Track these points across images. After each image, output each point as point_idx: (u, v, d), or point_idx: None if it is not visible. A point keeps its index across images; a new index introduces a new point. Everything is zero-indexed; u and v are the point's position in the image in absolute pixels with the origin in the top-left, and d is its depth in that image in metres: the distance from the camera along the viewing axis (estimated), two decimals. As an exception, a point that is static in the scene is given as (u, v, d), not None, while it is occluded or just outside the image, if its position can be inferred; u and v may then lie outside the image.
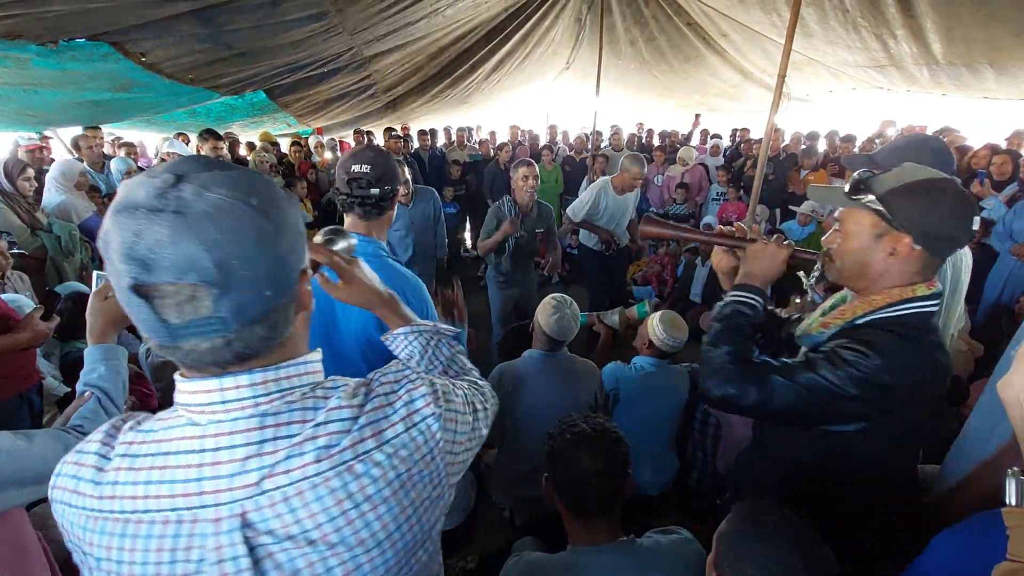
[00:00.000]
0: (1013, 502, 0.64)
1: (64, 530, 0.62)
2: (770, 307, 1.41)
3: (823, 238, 1.20)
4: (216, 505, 0.57)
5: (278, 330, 0.60)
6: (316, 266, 0.94)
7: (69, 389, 2.38)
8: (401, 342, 0.96)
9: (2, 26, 2.36)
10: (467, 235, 7.17)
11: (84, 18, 2.57)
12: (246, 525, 0.57)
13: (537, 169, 3.42)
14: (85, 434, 1.07)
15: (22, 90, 3.51)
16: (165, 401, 2.31)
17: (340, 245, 1.02)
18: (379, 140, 7.10)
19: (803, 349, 1.22)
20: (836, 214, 1.16)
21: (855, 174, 1.12)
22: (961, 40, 4.00)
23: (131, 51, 3.19)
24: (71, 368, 2.39)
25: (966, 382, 2.65)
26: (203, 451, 0.58)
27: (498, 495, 2.25)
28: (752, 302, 1.18)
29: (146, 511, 0.57)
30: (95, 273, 1.42)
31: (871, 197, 1.06)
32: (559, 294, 2.20)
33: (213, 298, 0.52)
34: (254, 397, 0.59)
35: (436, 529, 0.71)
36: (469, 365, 0.98)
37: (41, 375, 2.22)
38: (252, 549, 0.57)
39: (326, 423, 0.60)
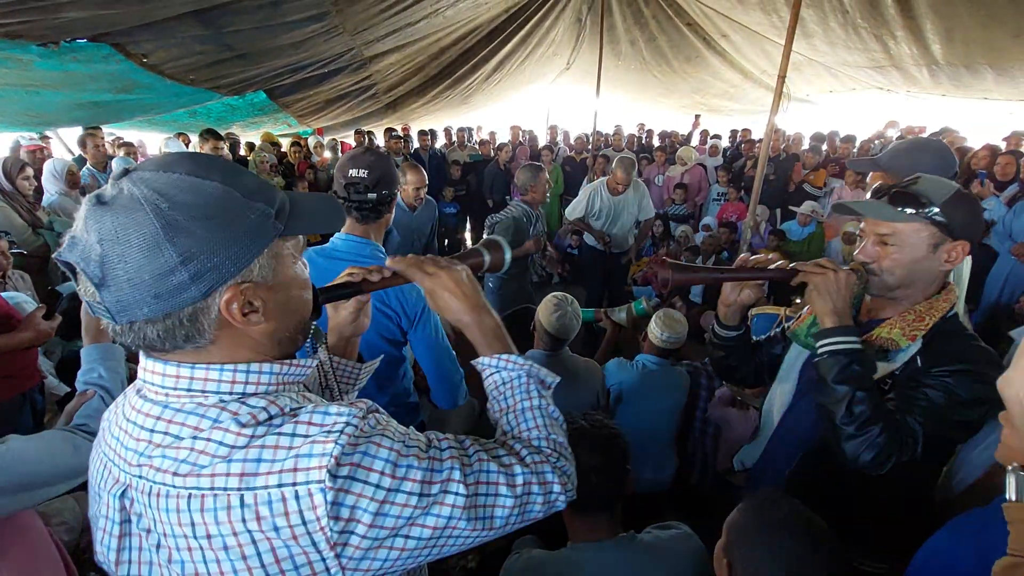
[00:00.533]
0: (1013, 497, 0.64)
1: None
2: (736, 333, 1.36)
3: (856, 252, 1.18)
4: (119, 468, 0.61)
5: (179, 335, 0.58)
6: (394, 280, 0.85)
7: (69, 389, 2.38)
8: (482, 371, 0.84)
9: (4, 26, 2.37)
10: (468, 235, 7.17)
11: (86, 19, 2.58)
12: (127, 498, 0.60)
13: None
14: (91, 432, 1.06)
15: (24, 91, 3.52)
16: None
17: (480, 258, 0.94)
18: (380, 140, 7.12)
19: (893, 364, 1.15)
20: (878, 229, 1.12)
21: (888, 187, 1.14)
22: (960, 41, 4.01)
23: (132, 52, 3.21)
24: (67, 366, 2.39)
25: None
26: (124, 417, 0.62)
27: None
28: (860, 347, 1.08)
29: (99, 447, 0.66)
30: None
31: (935, 209, 1.06)
32: (560, 293, 2.20)
33: (96, 289, 0.55)
34: (163, 387, 0.60)
35: None
36: (546, 430, 0.76)
37: (43, 374, 2.22)
38: (128, 521, 0.61)
39: (206, 440, 0.56)
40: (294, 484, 0.54)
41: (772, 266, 1.18)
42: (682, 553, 1.16)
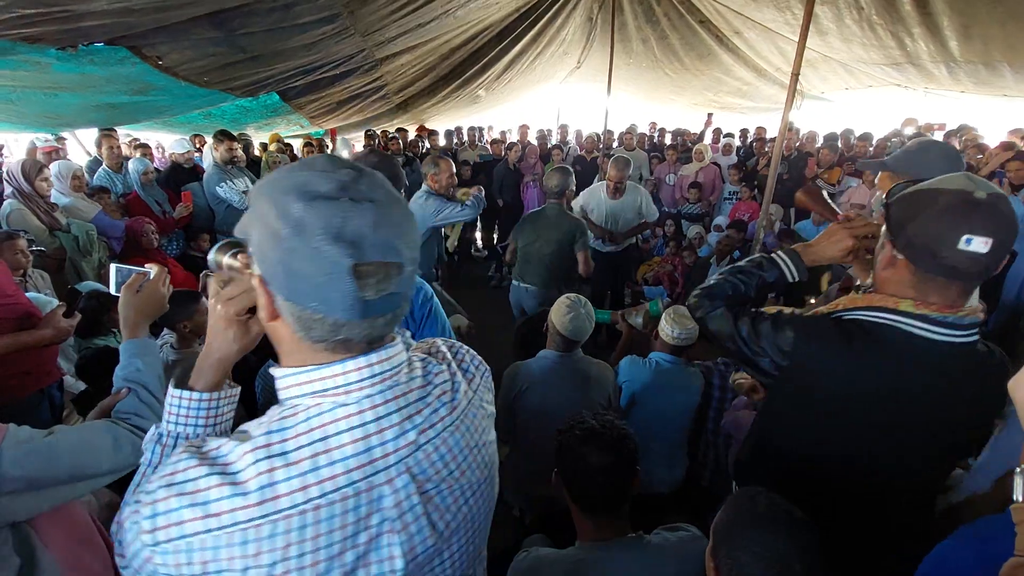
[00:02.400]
0: (1020, 498, 0.64)
1: (189, 564, 0.57)
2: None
3: None
4: (386, 468, 0.64)
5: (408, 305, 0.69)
6: None
7: (85, 386, 2.42)
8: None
9: (24, 31, 2.42)
10: (478, 235, 7.19)
11: (104, 25, 2.62)
12: (412, 477, 0.66)
13: None
14: (136, 426, 1.11)
15: (42, 93, 3.59)
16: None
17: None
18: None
19: None
20: None
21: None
22: (978, 38, 3.94)
23: (148, 55, 3.25)
24: (85, 365, 2.42)
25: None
26: (365, 424, 0.63)
27: (508, 494, 2.26)
28: (785, 267, 1.27)
29: (322, 495, 0.59)
30: (112, 266, 1.43)
31: (885, 200, 1.07)
32: (573, 294, 2.20)
33: (401, 276, 0.61)
34: (393, 368, 0.66)
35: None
36: None
37: (62, 371, 2.26)
38: (422, 493, 0.67)
39: (439, 384, 0.72)
40: (482, 374, 0.82)
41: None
42: (690, 555, 1.15)
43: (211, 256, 0.87)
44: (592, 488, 1.20)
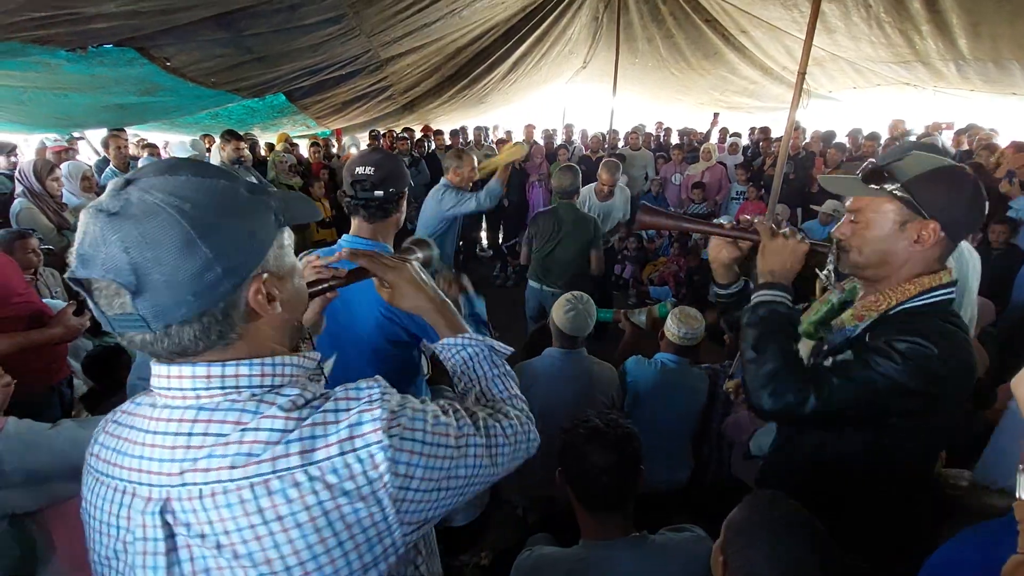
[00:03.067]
0: (1022, 495, 0.64)
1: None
2: (735, 290, 1.40)
3: (832, 229, 1.17)
4: (149, 485, 0.59)
5: (213, 332, 0.59)
6: (359, 275, 0.93)
7: (91, 386, 2.44)
8: (446, 352, 0.91)
9: (35, 33, 2.45)
10: (483, 235, 7.19)
11: (113, 26, 2.65)
12: (168, 511, 0.58)
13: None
14: None
15: (52, 94, 3.63)
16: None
17: (416, 255, 1.02)
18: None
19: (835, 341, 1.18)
20: (849, 204, 1.13)
21: (869, 163, 1.11)
22: (987, 36, 3.92)
23: (156, 56, 3.29)
24: (90, 363, 2.44)
25: (990, 384, 2.57)
26: (147, 432, 0.61)
27: (511, 493, 2.27)
28: (784, 301, 1.14)
29: (107, 475, 0.63)
30: None
31: (896, 185, 1.03)
32: (573, 291, 2.21)
33: (130, 298, 0.54)
34: (195, 389, 0.60)
35: (378, 570, 0.62)
36: (514, 391, 0.90)
37: (71, 369, 2.29)
38: (172, 536, 0.58)
39: (255, 430, 0.58)
40: (354, 449, 0.59)
41: (750, 227, 1.24)
42: (694, 555, 1.15)
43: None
44: (595, 487, 1.20)
